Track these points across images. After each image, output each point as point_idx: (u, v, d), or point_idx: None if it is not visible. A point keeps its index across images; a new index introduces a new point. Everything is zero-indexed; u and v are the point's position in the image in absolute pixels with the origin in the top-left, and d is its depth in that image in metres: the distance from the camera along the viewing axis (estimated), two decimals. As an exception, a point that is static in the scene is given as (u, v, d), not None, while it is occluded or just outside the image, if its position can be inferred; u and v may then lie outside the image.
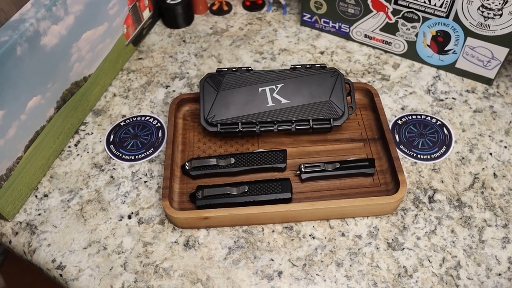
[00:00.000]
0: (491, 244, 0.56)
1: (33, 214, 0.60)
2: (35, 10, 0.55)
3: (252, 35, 0.83)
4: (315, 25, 0.82)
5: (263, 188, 0.57)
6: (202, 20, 0.87)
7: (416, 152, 0.64)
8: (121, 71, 0.77)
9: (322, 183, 0.60)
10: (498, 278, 0.53)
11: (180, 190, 0.60)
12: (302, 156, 0.63)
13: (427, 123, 0.68)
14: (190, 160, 0.61)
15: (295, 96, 0.63)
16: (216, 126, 0.62)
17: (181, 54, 0.80)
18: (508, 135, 0.66)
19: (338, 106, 0.62)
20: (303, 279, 0.53)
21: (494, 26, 0.65)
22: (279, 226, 0.58)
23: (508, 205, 0.59)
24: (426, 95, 0.71)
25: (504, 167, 0.63)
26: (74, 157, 0.65)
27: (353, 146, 0.64)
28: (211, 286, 0.53)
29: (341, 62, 0.77)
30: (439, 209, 0.59)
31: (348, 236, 0.57)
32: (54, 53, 0.59)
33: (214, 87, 0.63)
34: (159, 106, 0.71)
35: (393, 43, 0.76)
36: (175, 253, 0.56)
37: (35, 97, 0.57)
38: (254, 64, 0.77)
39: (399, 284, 0.53)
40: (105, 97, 0.73)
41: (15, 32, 0.53)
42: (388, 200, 0.55)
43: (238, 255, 0.55)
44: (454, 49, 0.71)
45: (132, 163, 0.64)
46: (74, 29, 0.62)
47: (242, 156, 0.61)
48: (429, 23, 0.70)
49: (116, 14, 0.71)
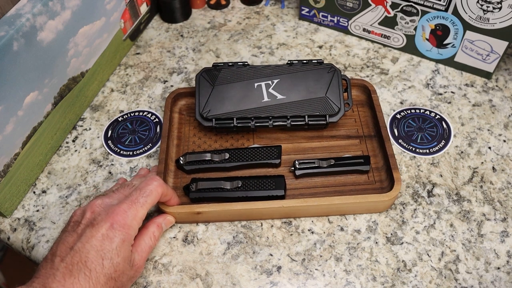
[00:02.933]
0: (490, 238, 0.56)
1: (31, 210, 0.60)
2: (31, 5, 0.55)
3: (250, 29, 0.82)
4: (314, 19, 0.82)
5: (257, 184, 0.57)
6: (200, 15, 0.86)
7: (415, 146, 0.64)
8: (118, 66, 0.77)
9: (317, 180, 0.60)
10: (497, 271, 0.53)
11: (174, 184, 0.60)
12: (297, 152, 0.63)
13: (426, 117, 0.68)
14: (185, 155, 0.61)
15: (291, 92, 0.62)
16: (211, 121, 0.62)
17: (179, 49, 0.80)
18: (507, 129, 0.66)
19: (334, 103, 0.62)
20: (302, 274, 0.53)
21: (494, 19, 0.65)
22: (278, 221, 0.58)
23: (507, 199, 0.59)
24: (425, 89, 0.71)
25: (503, 161, 0.62)
26: (72, 153, 0.65)
27: (349, 143, 0.64)
28: (210, 282, 0.53)
29: (340, 56, 0.77)
30: (438, 203, 0.59)
31: (347, 231, 0.57)
32: (51, 48, 0.59)
33: (210, 82, 0.63)
34: (157, 101, 0.71)
35: (391, 37, 0.76)
36: (174, 248, 0.56)
37: (32, 93, 0.57)
38: (252, 59, 0.77)
39: (398, 278, 0.53)
40: (103, 93, 0.73)
41: (11, 28, 0.52)
42: (382, 198, 0.55)
43: (237, 250, 0.55)
44: (453, 43, 0.71)
45: (130, 158, 0.64)
46: (71, 24, 0.61)
47: (236, 151, 0.61)
48: (428, 16, 0.70)
49: (113, 8, 0.71)
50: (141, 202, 0.48)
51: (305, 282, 0.53)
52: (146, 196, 0.48)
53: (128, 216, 0.46)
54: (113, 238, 0.45)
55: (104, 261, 0.44)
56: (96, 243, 0.44)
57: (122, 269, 0.45)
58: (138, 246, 0.49)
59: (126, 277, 0.46)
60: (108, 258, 0.44)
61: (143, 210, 0.48)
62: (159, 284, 0.53)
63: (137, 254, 0.48)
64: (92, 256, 0.43)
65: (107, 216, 0.46)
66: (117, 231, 0.45)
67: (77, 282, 0.42)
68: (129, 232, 0.46)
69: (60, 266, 0.42)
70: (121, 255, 0.45)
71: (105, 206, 0.47)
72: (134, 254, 0.48)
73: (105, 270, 0.43)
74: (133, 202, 0.47)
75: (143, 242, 0.50)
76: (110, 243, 0.44)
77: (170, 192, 0.53)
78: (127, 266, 0.46)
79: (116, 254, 0.44)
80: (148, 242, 0.50)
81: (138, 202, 0.48)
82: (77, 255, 0.43)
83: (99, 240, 0.44)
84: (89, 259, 0.43)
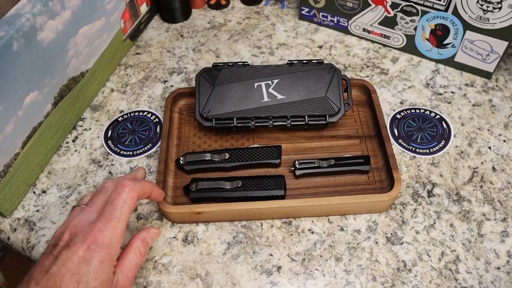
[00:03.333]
0: (490, 238, 0.56)
1: (31, 210, 0.60)
2: (31, 5, 0.55)
3: (250, 29, 0.82)
4: (314, 19, 0.82)
5: (257, 184, 0.57)
6: (200, 15, 0.86)
7: (415, 146, 0.64)
8: (118, 66, 0.77)
9: (317, 180, 0.60)
10: (497, 271, 0.53)
11: (174, 184, 0.60)
12: (297, 152, 0.63)
13: (426, 117, 0.68)
14: (185, 155, 0.61)
15: (291, 92, 0.62)
16: (211, 121, 0.62)
17: (179, 49, 0.80)
18: (507, 128, 0.66)
19: (334, 103, 0.62)
20: (302, 274, 0.53)
21: (494, 19, 0.65)
22: (278, 221, 0.58)
23: (507, 199, 0.59)
24: (425, 89, 0.71)
25: (503, 161, 0.62)
26: (72, 153, 0.65)
27: (349, 143, 0.64)
28: (210, 282, 0.53)
29: (340, 56, 0.77)
30: (438, 203, 0.59)
31: (347, 231, 0.57)
32: (51, 48, 0.59)
33: (210, 82, 0.63)
34: (157, 101, 0.71)
35: (391, 37, 0.76)
36: (174, 248, 0.56)
37: (32, 93, 0.57)
38: (252, 59, 0.77)
39: (398, 278, 0.53)
40: (103, 93, 0.73)
41: (11, 28, 0.52)
42: (382, 198, 0.55)
43: (237, 250, 0.55)
44: (453, 43, 0.71)
45: (130, 158, 0.64)
46: (71, 24, 0.61)
47: (236, 151, 0.61)
48: (428, 16, 0.70)
49: (113, 8, 0.71)
50: (116, 216, 0.45)
51: (305, 282, 0.53)
52: (120, 209, 0.45)
53: (106, 235, 0.43)
54: (90, 260, 0.42)
55: (80, 285, 0.41)
56: (72, 266, 0.41)
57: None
58: (123, 265, 0.46)
59: None
60: (84, 282, 0.41)
61: (120, 224, 0.45)
62: (159, 284, 0.53)
63: (121, 274, 0.45)
64: (67, 280, 0.41)
65: (84, 237, 0.43)
66: (95, 252, 0.42)
67: None
68: (109, 252, 0.43)
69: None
70: (99, 279, 0.42)
71: (82, 226, 0.44)
72: (118, 274, 0.45)
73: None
74: (108, 218, 0.44)
75: (128, 260, 0.47)
76: (86, 266, 0.42)
77: (147, 189, 0.49)
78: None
79: (93, 278, 0.42)
80: (133, 260, 0.47)
81: (114, 218, 0.45)
82: (52, 279, 0.41)
83: (76, 263, 0.42)
84: (64, 283, 0.41)
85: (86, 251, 0.42)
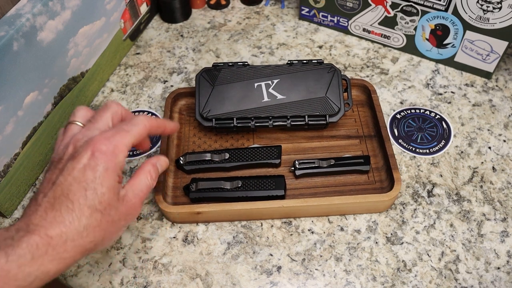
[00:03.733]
0: (490, 238, 0.56)
1: (31, 210, 0.59)
2: (31, 5, 0.55)
3: (250, 29, 0.82)
4: (314, 19, 0.82)
5: (256, 184, 0.57)
6: (200, 15, 0.86)
7: (415, 146, 0.64)
8: (118, 66, 0.77)
9: (317, 180, 0.60)
10: (497, 271, 0.53)
11: (174, 184, 0.60)
12: (297, 152, 0.63)
13: (426, 117, 0.68)
14: (185, 155, 0.61)
15: (291, 92, 0.62)
16: (211, 121, 0.62)
17: (179, 49, 0.80)
18: (507, 128, 0.66)
19: (334, 103, 0.62)
20: (302, 273, 0.53)
21: (494, 19, 0.65)
22: (278, 221, 0.58)
23: (507, 199, 0.59)
24: (425, 89, 0.71)
25: (503, 161, 0.62)
26: (72, 153, 0.65)
27: (349, 143, 0.64)
28: (210, 282, 0.53)
29: (340, 56, 0.77)
30: (438, 203, 0.59)
31: (347, 231, 0.57)
32: (51, 48, 0.59)
33: (210, 82, 0.63)
34: (157, 101, 0.71)
35: (391, 37, 0.76)
36: (174, 248, 0.56)
37: (32, 93, 0.57)
38: (252, 59, 0.77)
39: (398, 278, 0.53)
40: (103, 93, 0.73)
41: (11, 27, 0.52)
42: (382, 198, 0.55)
43: (237, 250, 0.55)
44: (453, 43, 0.71)
45: (130, 158, 0.64)
46: (71, 24, 0.61)
47: (236, 151, 0.61)
48: (428, 16, 0.70)
49: (113, 8, 0.71)
50: (126, 129, 0.44)
51: (305, 282, 0.53)
52: (132, 125, 0.45)
53: (111, 143, 0.42)
54: (96, 167, 0.41)
55: (88, 192, 0.40)
56: (78, 175, 0.41)
57: (107, 201, 0.42)
58: (133, 184, 0.45)
59: (115, 212, 0.43)
60: (92, 188, 0.41)
61: (128, 137, 0.44)
62: (159, 284, 0.53)
63: (132, 190, 0.45)
64: (75, 188, 0.40)
65: (88, 145, 0.42)
66: (99, 159, 0.41)
67: (59, 215, 0.39)
68: (113, 159, 0.42)
69: (43, 201, 0.40)
70: (106, 185, 0.41)
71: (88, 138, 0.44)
72: (127, 189, 0.44)
73: (89, 202, 0.40)
74: (117, 130, 0.44)
75: (138, 180, 0.46)
76: (92, 173, 0.41)
77: (161, 123, 0.49)
78: (114, 198, 0.42)
79: (99, 183, 0.41)
80: (144, 181, 0.46)
81: (123, 130, 0.44)
82: (59, 189, 0.41)
83: (81, 171, 0.41)
84: (71, 191, 0.40)
85: (91, 158, 0.41)
